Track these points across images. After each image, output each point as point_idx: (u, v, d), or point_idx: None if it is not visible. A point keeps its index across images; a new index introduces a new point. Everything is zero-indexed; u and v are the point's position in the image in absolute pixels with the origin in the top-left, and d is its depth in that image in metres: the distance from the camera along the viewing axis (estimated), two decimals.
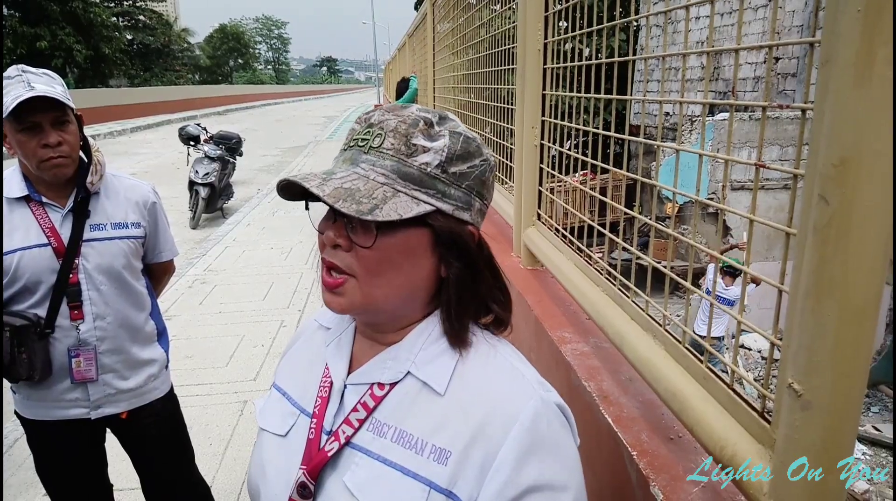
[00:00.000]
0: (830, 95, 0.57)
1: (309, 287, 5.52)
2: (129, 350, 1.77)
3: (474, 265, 0.75)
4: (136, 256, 1.78)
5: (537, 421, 0.69)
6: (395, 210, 0.68)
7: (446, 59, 4.37)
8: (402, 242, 0.71)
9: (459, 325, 0.75)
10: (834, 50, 0.57)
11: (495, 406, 0.70)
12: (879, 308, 0.60)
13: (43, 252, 1.61)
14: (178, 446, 2.01)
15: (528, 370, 0.76)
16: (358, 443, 0.74)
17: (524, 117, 1.79)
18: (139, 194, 1.80)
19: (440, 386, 0.73)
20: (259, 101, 52.41)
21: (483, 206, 0.78)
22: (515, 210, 1.95)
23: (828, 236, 0.59)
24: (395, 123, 0.72)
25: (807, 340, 0.62)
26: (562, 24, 1.62)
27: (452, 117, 0.77)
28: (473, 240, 0.75)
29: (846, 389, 0.62)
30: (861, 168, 0.56)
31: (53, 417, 1.72)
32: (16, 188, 1.62)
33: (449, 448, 0.69)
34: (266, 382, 3.75)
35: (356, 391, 0.77)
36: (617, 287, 1.20)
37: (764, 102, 0.73)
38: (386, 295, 0.73)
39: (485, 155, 0.77)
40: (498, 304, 0.79)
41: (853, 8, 0.54)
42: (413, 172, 0.70)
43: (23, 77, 1.51)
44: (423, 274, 0.74)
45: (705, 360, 0.89)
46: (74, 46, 32.08)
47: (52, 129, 1.53)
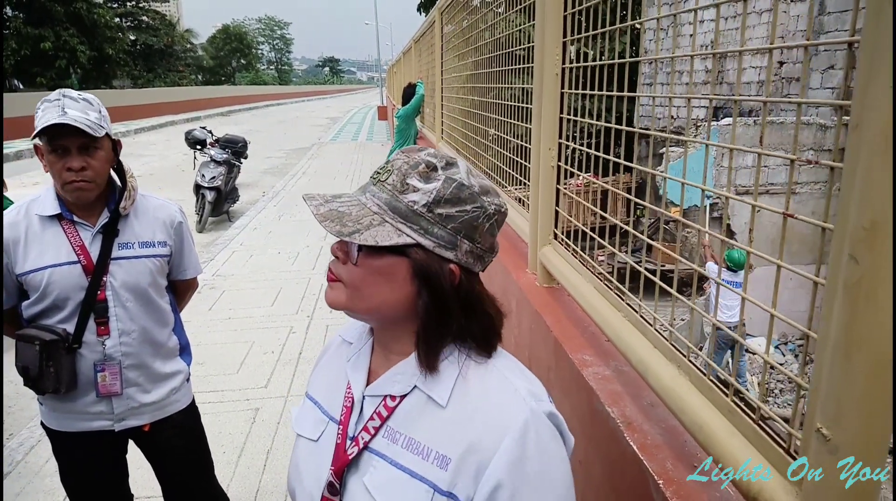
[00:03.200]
0: (862, 161, 0.61)
1: (317, 293, 5.55)
2: (153, 365, 1.81)
3: (443, 301, 0.81)
4: (162, 273, 1.83)
5: (527, 434, 0.76)
6: (374, 237, 0.78)
7: (453, 62, 4.41)
8: (383, 266, 0.80)
9: (426, 352, 0.82)
10: (864, 117, 0.60)
11: (489, 419, 0.78)
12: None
13: (72, 270, 1.66)
14: (198, 458, 2.05)
15: (522, 382, 0.82)
16: (375, 448, 0.84)
17: (541, 139, 1.82)
18: (166, 214, 1.85)
19: (442, 400, 0.81)
20: (262, 101, 52.45)
21: (475, 248, 0.83)
22: (531, 228, 1.98)
23: (858, 294, 0.62)
24: (402, 163, 0.82)
25: (835, 389, 0.66)
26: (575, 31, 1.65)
27: (459, 164, 0.84)
28: (453, 278, 0.81)
29: (874, 436, 0.65)
30: (890, 232, 0.59)
31: (78, 428, 1.77)
32: (49, 207, 1.67)
33: (449, 455, 0.78)
34: (277, 389, 3.79)
35: (373, 401, 0.87)
36: (639, 314, 1.23)
37: (792, 155, 0.76)
38: (367, 307, 0.83)
39: (480, 202, 0.82)
40: (473, 340, 0.84)
41: (885, 83, 0.57)
42: (401, 207, 0.79)
43: (60, 102, 1.58)
44: (400, 298, 0.82)
45: (730, 393, 0.92)
46: (78, 47, 32.20)
47: (78, 153, 1.59)
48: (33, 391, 1.70)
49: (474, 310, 0.84)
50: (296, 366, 4.12)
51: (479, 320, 0.84)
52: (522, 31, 2.26)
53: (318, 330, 4.74)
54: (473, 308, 0.84)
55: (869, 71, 0.60)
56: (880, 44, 0.58)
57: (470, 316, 0.83)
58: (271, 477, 2.95)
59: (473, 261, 0.83)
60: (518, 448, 0.75)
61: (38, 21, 30.65)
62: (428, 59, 6.77)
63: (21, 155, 16.74)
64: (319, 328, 4.77)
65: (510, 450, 0.75)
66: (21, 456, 3.09)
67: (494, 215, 0.84)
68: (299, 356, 4.29)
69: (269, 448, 3.17)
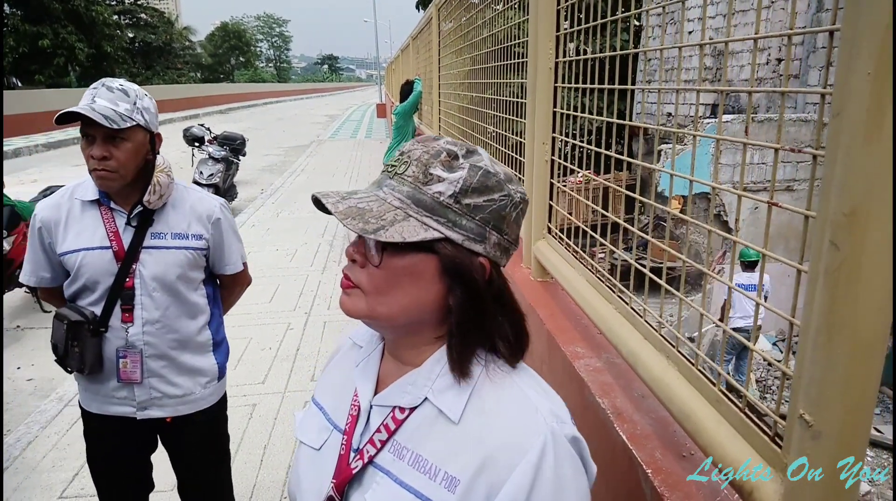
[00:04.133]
0: (842, 148, 0.61)
1: (315, 290, 5.56)
2: (178, 358, 1.81)
3: (478, 297, 0.76)
4: (195, 266, 1.82)
5: (545, 457, 0.70)
6: (400, 233, 0.72)
7: (451, 58, 4.41)
8: (409, 265, 0.74)
9: (460, 354, 0.76)
10: (845, 106, 0.61)
11: (504, 439, 0.72)
12: (886, 345, 0.64)
13: (104, 254, 1.70)
14: (214, 459, 2.05)
15: (543, 401, 0.76)
16: (380, 463, 0.78)
17: (535, 134, 1.83)
18: (206, 208, 1.85)
19: (454, 415, 0.75)
20: (260, 99, 52.44)
21: (503, 240, 0.78)
22: (525, 223, 1.99)
23: (838, 279, 0.63)
24: (420, 152, 0.76)
25: (818, 374, 0.66)
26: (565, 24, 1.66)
27: (480, 152, 0.79)
28: (483, 273, 0.76)
29: (855, 420, 0.66)
30: (870, 218, 0.60)
31: (105, 411, 1.81)
32: (90, 192, 1.73)
33: (458, 477, 0.71)
34: (274, 385, 3.80)
35: (380, 412, 0.81)
36: (630, 306, 1.24)
37: (776, 144, 0.77)
38: (390, 313, 0.76)
39: (507, 191, 0.77)
40: (504, 340, 0.78)
41: (864, 70, 0.58)
42: (426, 199, 0.74)
43: (95, 91, 1.62)
44: (428, 299, 0.76)
45: (718, 382, 0.93)
46: (76, 45, 32.14)
47: (102, 143, 1.61)
48: (61, 367, 1.76)
49: (505, 307, 0.79)
50: (293, 363, 4.13)
51: (510, 317, 0.79)
52: (518, 26, 2.26)
53: (316, 327, 4.75)
54: (504, 305, 0.79)
55: (849, 59, 0.60)
56: (859, 31, 0.58)
57: (503, 314, 0.79)
58: (268, 473, 2.96)
59: (500, 254, 0.78)
60: (534, 471, 0.69)
61: (37, 18, 30.59)
62: (425, 55, 6.77)
63: (19, 152, 16.72)
64: (317, 325, 4.78)
65: (526, 474, 0.69)
66: (18, 452, 3.10)
67: (520, 203, 0.79)
68: (297, 352, 4.30)
69: (265, 444, 3.18)
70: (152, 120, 1.70)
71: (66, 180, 3.02)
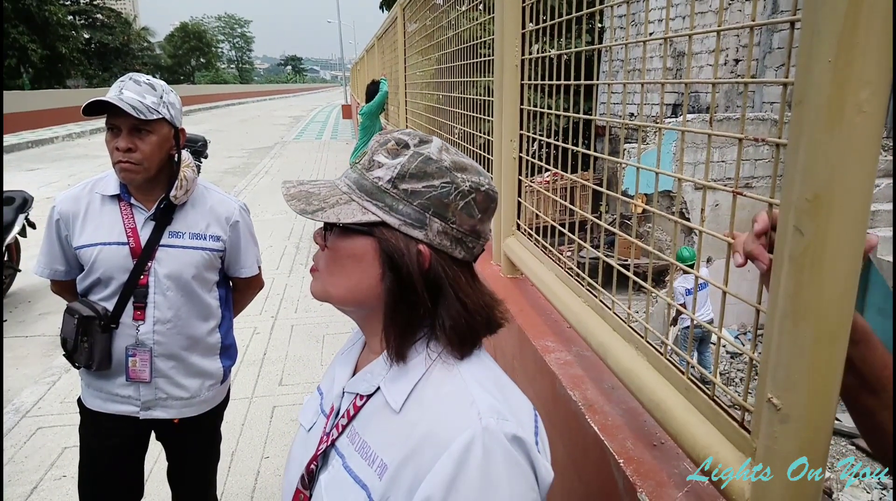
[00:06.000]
0: (804, 135, 0.62)
1: (281, 293, 5.48)
2: (186, 359, 1.78)
3: (407, 283, 0.76)
4: (210, 268, 1.79)
5: (470, 452, 0.67)
6: (337, 215, 0.76)
7: (417, 57, 4.40)
8: (350, 247, 0.79)
9: (393, 338, 0.78)
10: (807, 93, 0.62)
11: (432, 431, 0.71)
12: (849, 330, 0.65)
13: (120, 250, 1.68)
14: (209, 462, 2.03)
15: (485, 396, 0.73)
16: (338, 447, 0.82)
17: (503, 131, 1.83)
18: (225, 209, 1.82)
19: (396, 404, 0.76)
20: (222, 101, 51.51)
21: (449, 228, 0.77)
22: (494, 220, 1.99)
23: (803, 264, 0.64)
24: (374, 143, 0.81)
25: (784, 358, 0.68)
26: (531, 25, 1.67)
27: (433, 141, 0.80)
28: (421, 259, 0.76)
29: (821, 404, 0.67)
30: (833, 203, 0.61)
31: (106, 410, 1.77)
32: (111, 187, 1.71)
33: (388, 465, 0.73)
34: (240, 390, 3.73)
35: (348, 398, 0.85)
36: (599, 299, 1.25)
37: (740, 135, 0.78)
38: (338, 294, 0.81)
39: (450, 178, 0.76)
40: (443, 331, 0.77)
41: (825, 58, 0.59)
42: (367, 184, 0.78)
43: (122, 84, 1.61)
44: (371, 282, 0.79)
45: (686, 371, 0.94)
46: (29, 45, 31.13)
47: (127, 135, 1.59)
48: (69, 362, 1.73)
49: (444, 297, 0.77)
50: (260, 367, 4.06)
51: (450, 310, 0.77)
52: (482, 26, 2.27)
53: (283, 331, 4.68)
54: (443, 295, 0.77)
55: (810, 47, 0.61)
56: (819, 19, 0.60)
57: (439, 303, 0.77)
58: (236, 480, 2.90)
59: (450, 243, 0.77)
60: (455, 466, 0.67)
61: None
62: (391, 55, 6.75)
63: None
64: (284, 329, 4.71)
65: (446, 467, 0.67)
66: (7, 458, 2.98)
67: (471, 192, 0.77)
68: (263, 357, 4.23)
69: (233, 450, 3.12)
70: (177, 115, 1.69)
71: None
